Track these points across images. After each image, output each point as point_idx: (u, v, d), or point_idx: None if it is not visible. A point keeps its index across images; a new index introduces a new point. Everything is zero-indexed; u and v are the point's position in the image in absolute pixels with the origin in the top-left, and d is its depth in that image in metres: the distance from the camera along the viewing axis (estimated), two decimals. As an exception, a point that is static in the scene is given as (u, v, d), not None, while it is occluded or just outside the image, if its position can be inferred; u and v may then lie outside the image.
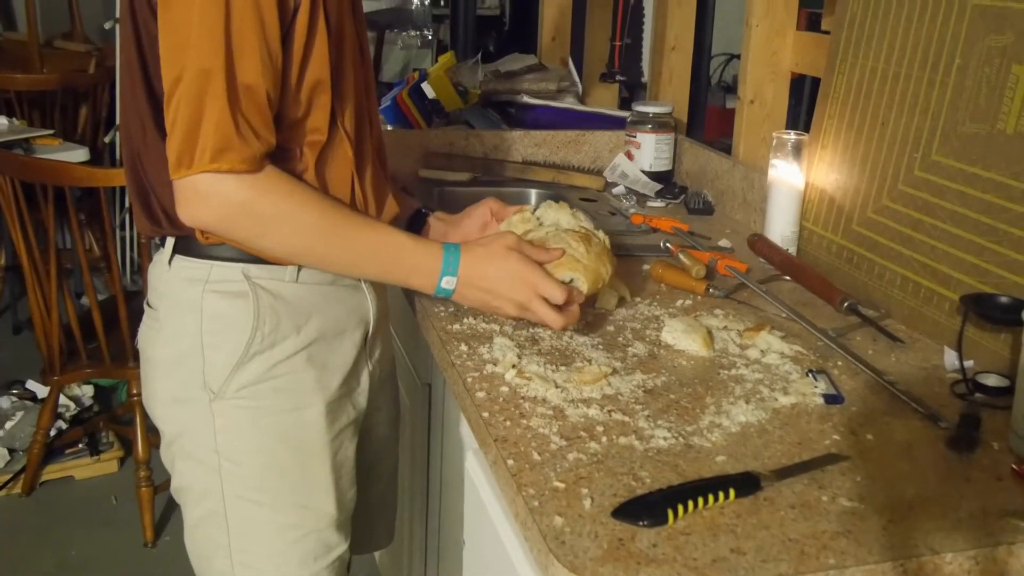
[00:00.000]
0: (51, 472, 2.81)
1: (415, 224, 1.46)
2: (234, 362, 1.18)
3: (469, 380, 1.19)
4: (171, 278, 1.21)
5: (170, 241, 1.21)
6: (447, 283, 1.21)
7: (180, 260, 1.20)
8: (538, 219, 1.39)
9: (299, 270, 1.20)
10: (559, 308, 1.24)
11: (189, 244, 1.19)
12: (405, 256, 1.20)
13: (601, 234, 1.38)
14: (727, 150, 2.13)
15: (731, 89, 3.51)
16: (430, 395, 1.62)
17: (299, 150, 1.17)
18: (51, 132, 3.27)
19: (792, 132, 1.72)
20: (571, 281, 1.28)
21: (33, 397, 3.06)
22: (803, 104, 2.58)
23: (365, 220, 1.20)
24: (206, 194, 1.08)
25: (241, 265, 1.18)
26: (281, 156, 1.14)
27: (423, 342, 1.63)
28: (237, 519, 1.23)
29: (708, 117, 2.48)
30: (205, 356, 1.19)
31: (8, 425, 2.89)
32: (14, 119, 3.30)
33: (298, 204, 1.13)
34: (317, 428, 1.23)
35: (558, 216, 1.39)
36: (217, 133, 1.05)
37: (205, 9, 1.03)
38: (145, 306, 1.27)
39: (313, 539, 1.25)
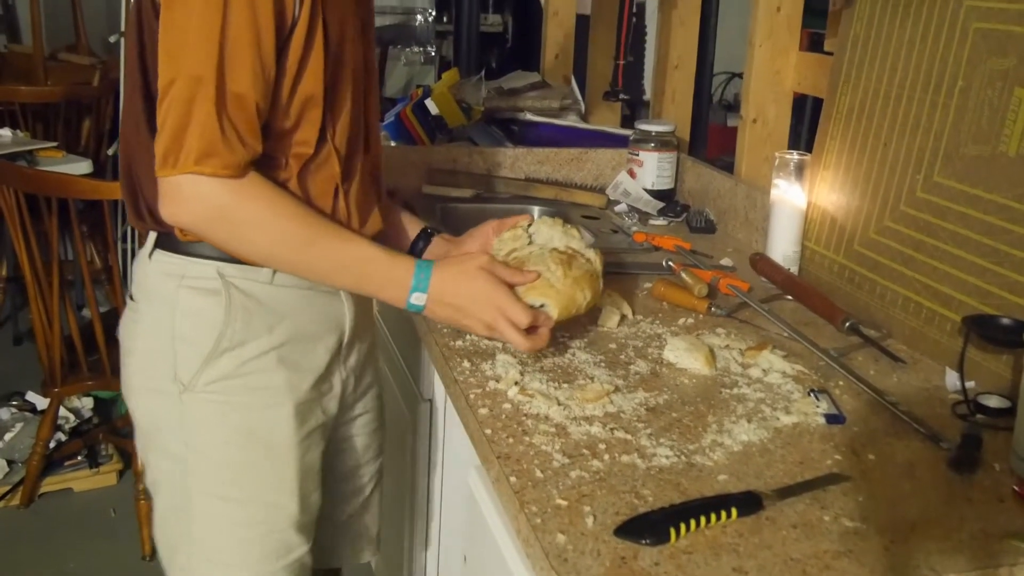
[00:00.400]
0: (50, 484, 2.80)
1: (421, 243, 1.46)
2: (204, 356, 1.19)
3: (472, 397, 1.19)
4: (150, 272, 1.23)
5: (152, 236, 1.23)
6: (417, 299, 1.22)
7: (159, 255, 1.22)
8: (530, 237, 1.38)
9: (275, 273, 1.22)
10: (528, 331, 1.23)
11: (169, 240, 1.21)
12: (377, 270, 1.21)
13: (591, 254, 1.35)
14: (727, 168, 2.14)
15: (732, 107, 3.53)
16: (431, 411, 1.62)
17: (284, 160, 1.18)
18: (54, 144, 3.28)
19: (794, 152, 1.73)
20: (542, 306, 1.27)
21: (33, 409, 3.06)
22: (805, 124, 2.60)
23: (342, 232, 1.21)
24: (188, 195, 1.10)
25: (216, 263, 1.20)
26: (266, 164, 1.16)
27: (425, 357, 1.63)
28: (200, 512, 1.24)
29: (709, 135, 2.49)
30: (176, 349, 1.20)
31: (7, 437, 2.90)
32: (18, 131, 3.32)
33: (276, 212, 1.15)
34: (286, 428, 1.24)
35: (551, 233, 1.37)
36: (203, 138, 1.07)
37: (204, 15, 1.05)
38: (127, 299, 1.29)
39: (274, 538, 1.26)
